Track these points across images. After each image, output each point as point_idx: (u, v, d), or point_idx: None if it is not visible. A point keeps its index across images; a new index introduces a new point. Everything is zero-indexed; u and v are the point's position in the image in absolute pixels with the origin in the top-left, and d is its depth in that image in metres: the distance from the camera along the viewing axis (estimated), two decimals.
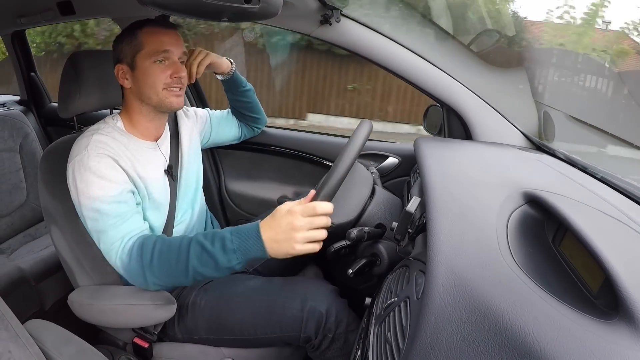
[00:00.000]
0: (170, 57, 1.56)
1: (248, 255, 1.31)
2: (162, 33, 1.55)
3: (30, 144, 2.94)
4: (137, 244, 1.41)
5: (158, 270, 1.38)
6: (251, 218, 2.43)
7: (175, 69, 1.56)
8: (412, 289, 1.00)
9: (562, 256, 1.00)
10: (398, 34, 1.94)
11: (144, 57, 1.54)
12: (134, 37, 1.55)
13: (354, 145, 1.39)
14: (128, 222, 1.44)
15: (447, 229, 1.03)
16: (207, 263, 1.34)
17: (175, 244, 1.37)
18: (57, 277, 2.30)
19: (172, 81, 1.57)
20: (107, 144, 1.49)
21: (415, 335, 0.79)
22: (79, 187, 1.44)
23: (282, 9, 1.41)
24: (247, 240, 1.31)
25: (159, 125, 1.69)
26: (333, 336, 1.49)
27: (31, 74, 3.36)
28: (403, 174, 2.22)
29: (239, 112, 2.18)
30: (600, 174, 1.48)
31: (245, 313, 1.53)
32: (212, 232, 1.37)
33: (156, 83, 1.55)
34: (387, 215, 1.61)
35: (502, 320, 0.74)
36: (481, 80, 2.05)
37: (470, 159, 1.66)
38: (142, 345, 1.60)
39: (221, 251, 1.32)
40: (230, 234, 1.33)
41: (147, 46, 1.53)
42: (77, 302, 1.57)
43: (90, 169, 1.42)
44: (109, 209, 1.42)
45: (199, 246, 1.34)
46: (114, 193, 1.43)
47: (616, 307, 0.75)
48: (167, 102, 1.57)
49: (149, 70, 1.54)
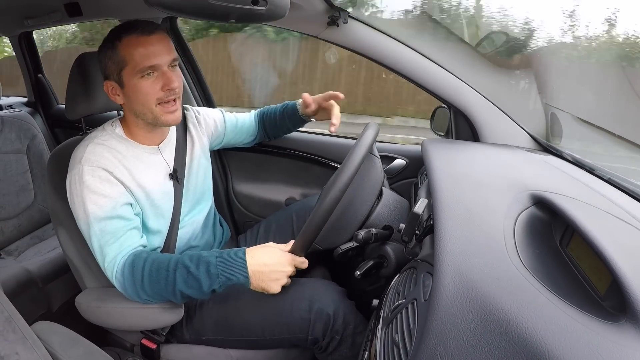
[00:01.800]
0: (159, 68, 1.46)
1: (230, 281, 1.36)
2: (144, 43, 1.43)
3: (38, 146, 2.95)
4: (128, 263, 1.41)
5: (149, 290, 1.40)
6: (258, 220, 2.44)
7: (165, 80, 1.46)
8: (420, 290, 1.01)
9: (570, 258, 1.00)
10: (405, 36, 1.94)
11: (130, 73, 1.45)
12: (115, 52, 1.45)
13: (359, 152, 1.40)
14: (121, 240, 1.44)
15: (454, 230, 1.03)
16: (192, 285, 1.36)
17: (163, 265, 1.38)
18: (65, 279, 2.31)
19: (165, 94, 1.47)
20: (102, 155, 1.47)
21: (422, 337, 0.80)
22: (75, 201, 1.45)
23: (289, 11, 1.41)
24: (232, 266, 1.36)
25: (161, 133, 1.65)
26: (341, 338, 1.49)
27: (38, 76, 3.37)
28: (410, 175, 2.22)
29: (276, 131, 2.16)
30: (608, 175, 1.48)
31: (253, 314, 1.53)
32: (198, 254, 1.40)
33: (148, 100, 1.47)
34: (394, 216, 1.61)
35: (509, 321, 0.74)
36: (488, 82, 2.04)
37: (477, 160, 1.66)
38: (150, 346, 1.60)
39: (205, 275, 1.35)
40: (215, 259, 1.37)
41: (131, 61, 1.43)
42: (84, 304, 1.58)
43: (84, 184, 1.42)
44: (103, 226, 1.42)
45: (185, 269, 1.36)
46: (109, 208, 1.43)
47: (623, 308, 0.75)
48: (162, 119, 1.51)
49: (138, 87, 1.46)
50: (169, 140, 1.69)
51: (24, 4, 2.31)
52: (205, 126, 1.89)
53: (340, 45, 1.99)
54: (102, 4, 2.17)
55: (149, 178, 1.56)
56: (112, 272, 1.43)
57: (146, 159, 1.58)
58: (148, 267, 1.39)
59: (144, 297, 1.42)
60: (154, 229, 1.60)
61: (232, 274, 1.35)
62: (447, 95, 1.94)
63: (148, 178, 1.56)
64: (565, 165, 1.62)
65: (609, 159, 1.85)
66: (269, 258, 1.38)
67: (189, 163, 1.75)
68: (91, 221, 1.42)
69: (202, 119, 1.89)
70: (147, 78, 1.45)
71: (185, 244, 1.74)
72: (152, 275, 1.38)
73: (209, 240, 1.87)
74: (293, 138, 2.40)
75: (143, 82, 1.45)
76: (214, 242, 1.90)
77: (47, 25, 2.66)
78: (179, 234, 1.69)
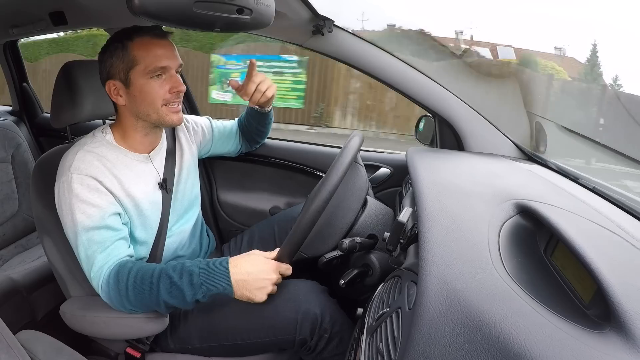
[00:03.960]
0: (168, 71, 1.50)
1: (214, 290, 1.35)
2: (156, 45, 1.48)
3: (22, 155, 2.92)
4: (113, 273, 1.40)
5: (134, 300, 1.39)
6: (243, 229, 2.43)
7: (174, 83, 1.50)
8: (404, 299, 1.00)
9: (554, 267, 1.00)
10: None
11: (140, 73, 1.47)
12: (126, 52, 1.47)
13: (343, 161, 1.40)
14: (108, 250, 1.43)
15: (439, 239, 1.03)
16: (175, 295, 1.36)
17: (147, 276, 1.37)
18: (49, 288, 2.28)
19: (172, 96, 1.51)
20: (92, 163, 1.46)
21: (407, 346, 0.79)
22: (63, 210, 1.44)
23: (274, 20, 1.41)
24: (214, 276, 1.35)
25: (154, 139, 1.65)
26: (329, 336, 1.49)
27: (23, 85, 3.35)
28: (395, 184, 2.22)
29: (250, 135, 2.14)
30: (592, 184, 1.48)
31: (239, 318, 1.52)
32: (181, 264, 1.39)
33: (155, 100, 1.49)
34: (379, 225, 1.61)
35: (493, 330, 0.74)
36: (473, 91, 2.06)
37: (462, 169, 1.67)
38: (135, 355, 1.59)
39: (188, 285, 1.34)
40: (198, 269, 1.36)
41: (142, 62, 1.46)
42: (69, 312, 1.57)
43: (73, 192, 1.41)
44: (91, 235, 1.41)
45: (168, 279, 1.36)
46: (97, 217, 1.42)
47: (608, 317, 0.75)
48: (167, 119, 1.53)
49: (146, 88, 1.48)
50: (160, 148, 1.68)
51: (9, 13, 2.29)
52: (194, 134, 1.89)
53: (325, 54, 2.00)
54: (87, 13, 2.15)
55: (138, 188, 1.55)
56: (97, 282, 1.42)
57: (136, 168, 1.57)
58: (132, 277, 1.37)
59: (129, 307, 1.41)
60: (141, 238, 1.59)
61: (215, 283, 1.34)
62: (432, 104, 1.95)
63: (137, 188, 1.55)
64: (549, 174, 1.63)
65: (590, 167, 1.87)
66: (252, 266, 1.37)
67: (178, 172, 1.74)
68: (79, 230, 1.41)
69: (191, 127, 1.89)
70: (156, 79, 1.48)
71: (173, 254, 1.73)
72: (136, 286, 1.37)
73: (196, 249, 1.86)
74: (278, 147, 2.40)
75: (152, 83, 1.48)
76: (200, 252, 1.89)
77: (32, 34, 2.64)
78: (166, 243, 1.68)
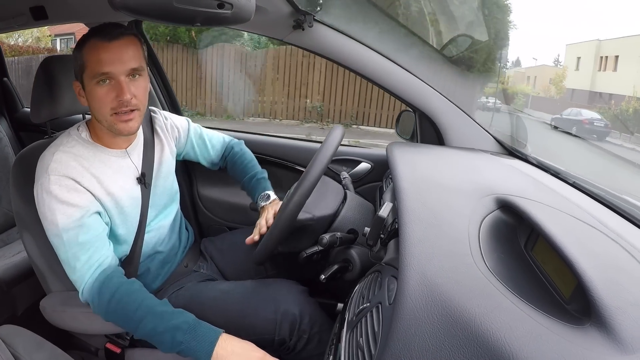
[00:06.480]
0: (114, 77, 1.40)
1: (190, 353, 1.30)
2: (102, 49, 1.39)
3: (3, 150, 2.89)
4: (96, 288, 1.38)
5: (113, 317, 1.38)
6: (223, 223, 2.45)
7: (118, 91, 1.40)
8: (384, 294, 1.00)
9: (534, 261, 1.00)
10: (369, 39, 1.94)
11: (88, 78, 1.41)
12: (79, 54, 1.42)
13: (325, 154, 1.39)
14: (90, 252, 1.41)
15: (419, 234, 1.03)
16: (153, 339, 1.33)
17: (131, 308, 1.34)
18: (30, 283, 2.25)
19: (119, 104, 1.41)
20: (68, 163, 1.43)
21: (387, 340, 0.79)
22: (43, 212, 1.42)
23: (254, 14, 1.41)
24: (199, 342, 1.30)
25: (129, 137, 1.60)
26: (308, 336, 1.49)
27: (3, 79, 3.31)
28: (375, 179, 2.22)
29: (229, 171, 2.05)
30: (572, 179, 1.49)
31: (218, 317, 1.50)
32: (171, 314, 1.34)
33: (102, 107, 1.42)
34: (359, 220, 1.60)
35: (474, 325, 0.73)
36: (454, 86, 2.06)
37: (442, 164, 1.67)
38: (114, 350, 1.58)
39: (170, 340, 1.30)
40: (184, 333, 1.30)
41: (89, 66, 1.40)
42: (49, 308, 1.56)
43: (51, 194, 1.39)
44: (71, 237, 1.39)
45: (151, 324, 1.32)
46: (77, 217, 1.40)
47: (588, 312, 0.75)
48: (115, 127, 1.45)
49: (93, 93, 1.42)
50: (137, 143, 1.64)
51: None
52: (171, 131, 1.84)
53: (306, 49, 1.99)
54: (67, 8, 2.12)
55: (117, 184, 1.53)
56: (80, 286, 1.41)
57: (114, 164, 1.55)
58: (115, 301, 1.35)
59: (107, 319, 1.40)
60: (121, 235, 1.57)
61: (194, 347, 1.29)
62: (413, 99, 1.95)
63: (117, 185, 1.52)
64: (530, 169, 1.64)
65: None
66: (241, 349, 1.31)
67: (157, 167, 1.71)
68: (60, 231, 1.39)
69: (170, 124, 1.84)
70: (101, 85, 1.40)
71: (152, 249, 1.71)
72: (117, 312, 1.36)
73: (175, 244, 1.84)
74: (258, 142, 2.39)
75: (98, 89, 1.41)
76: (180, 247, 1.86)
77: (12, 28, 2.60)
78: (145, 239, 1.66)
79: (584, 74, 14.82)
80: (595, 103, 12.65)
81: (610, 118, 10.68)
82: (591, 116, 9.69)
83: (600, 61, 13.91)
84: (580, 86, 14.97)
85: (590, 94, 13.93)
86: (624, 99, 10.71)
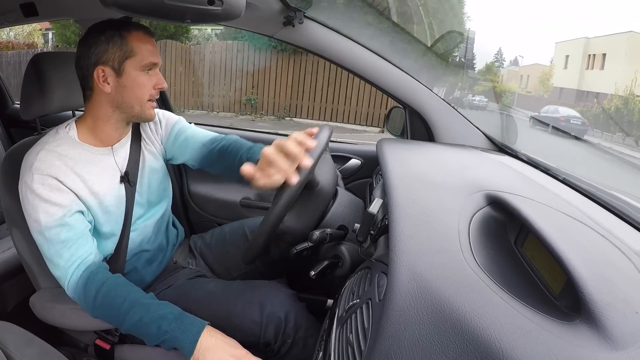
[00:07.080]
0: (156, 67, 1.54)
1: (175, 342, 1.31)
2: (149, 41, 1.50)
3: None
4: (81, 283, 1.40)
5: (100, 312, 1.40)
6: (213, 220, 2.46)
7: (158, 80, 1.54)
8: (374, 290, 0.99)
9: (524, 258, 1.00)
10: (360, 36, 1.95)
11: (135, 65, 1.48)
12: (124, 41, 1.46)
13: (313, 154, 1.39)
14: (72, 249, 1.42)
15: (409, 230, 1.02)
16: (138, 331, 1.35)
17: (117, 302, 1.36)
18: (19, 279, 2.26)
19: (155, 92, 1.54)
20: (52, 163, 1.44)
21: (377, 336, 0.78)
22: (26, 209, 1.44)
23: (245, 11, 1.42)
24: (184, 331, 1.31)
25: (122, 132, 1.62)
26: (292, 341, 1.49)
27: None
28: (365, 175, 2.23)
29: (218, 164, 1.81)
30: (563, 175, 1.50)
31: (204, 318, 1.50)
32: (157, 306, 1.37)
33: (144, 94, 1.51)
34: (349, 216, 1.60)
35: (463, 321, 0.73)
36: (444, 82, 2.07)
37: (432, 160, 1.67)
38: (104, 347, 1.58)
39: (155, 330, 1.32)
40: (170, 323, 1.32)
41: (140, 54, 1.47)
42: (38, 304, 1.58)
43: (34, 192, 1.40)
44: (53, 234, 1.40)
45: (137, 316, 1.33)
46: (59, 216, 1.41)
47: (578, 308, 0.75)
48: (147, 113, 1.55)
49: (138, 80, 1.49)
50: (125, 141, 1.64)
51: None
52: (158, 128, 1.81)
53: (296, 46, 2.00)
54: (58, 4, 2.12)
55: (102, 184, 1.53)
56: (64, 282, 1.42)
57: (100, 162, 1.55)
58: (101, 296, 1.37)
59: (93, 314, 1.41)
60: (106, 234, 1.57)
61: (178, 336, 1.31)
62: (403, 95, 1.96)
63: (102, 184, 1.53)
64: (520, 166, 1.65)
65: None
66: (226, 344, 1.32)
67: (142, 165, 1.70)
68: (42, 229, 1.40)
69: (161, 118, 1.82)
70: (146, 74, 1.51)
71: (138, 247, 1.70)
72: (103, 306, 1.37)
73: (162, 243, 1.83)
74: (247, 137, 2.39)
75: (143, 77, 1.50)
76: (168, 245, 1.85)
77: (3, 25, 2.58)
78: (131, 237, 1.66)
79: (572, 72, 14.91)
80: (580, 101, 12.76)
81: (593, 117, 10.79)
82: (568, 114, 9.80)
83: (589, 59, 13.99)
84: (568, 85, 15.07)
85: (578, 92, 14.03)
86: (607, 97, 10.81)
